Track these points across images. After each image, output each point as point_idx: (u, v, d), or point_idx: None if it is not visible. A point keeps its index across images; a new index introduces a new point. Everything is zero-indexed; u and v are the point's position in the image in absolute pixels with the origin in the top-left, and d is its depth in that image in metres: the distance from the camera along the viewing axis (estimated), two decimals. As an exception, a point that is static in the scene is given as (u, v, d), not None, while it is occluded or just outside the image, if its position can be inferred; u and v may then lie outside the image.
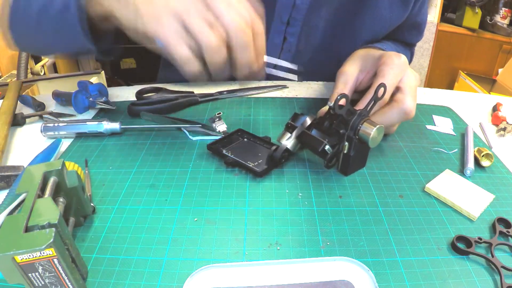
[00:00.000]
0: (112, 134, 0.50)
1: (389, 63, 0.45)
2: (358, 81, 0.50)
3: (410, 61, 0.72)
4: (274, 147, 0.42)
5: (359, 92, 0.51)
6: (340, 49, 0.62)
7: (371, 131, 0.39)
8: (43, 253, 0.24)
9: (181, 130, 0.50)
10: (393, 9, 0.61)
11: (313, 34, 0.61)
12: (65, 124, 0.49)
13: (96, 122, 0.49)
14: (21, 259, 0.24)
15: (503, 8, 2.38)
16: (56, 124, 0.49)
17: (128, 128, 0.50)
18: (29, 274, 0.25)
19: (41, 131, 0.49)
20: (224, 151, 0.44)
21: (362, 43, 0.64)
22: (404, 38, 0.68)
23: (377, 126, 0.39)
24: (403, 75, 0.45)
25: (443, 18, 2.28)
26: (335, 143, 0.41)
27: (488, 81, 2.18)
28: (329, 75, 0.58)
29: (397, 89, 0.46)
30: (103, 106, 0.54)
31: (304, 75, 0.66)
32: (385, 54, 0.47)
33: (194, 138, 0.48)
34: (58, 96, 0.59)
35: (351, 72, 0.50)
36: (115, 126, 0.48)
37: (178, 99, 0.57)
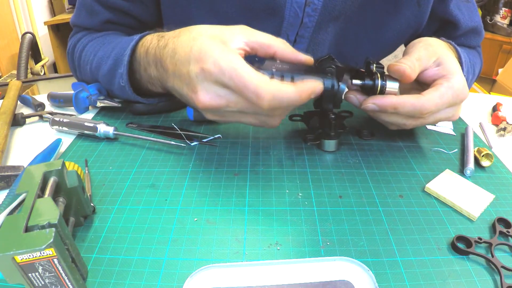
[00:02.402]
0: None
1: (452, 88, 0.42)
2: (424, 69, 0.45)
3: (481, 63, 0.70)
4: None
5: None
6: (346, 61, 0.62)
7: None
8: (43, 253, 0.24)
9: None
10: (400, 20, 0.60)
11: (320, 49, 0.61)
12: (69, 120, 0.50)
13: (92, 124, 0.49)
14: (21, 259, 0.24)
15: (503, 8, 2.39)
16: (62, 119, 0.50)
17: (120, 135, 0.49)
18: (29, 274, 0.25)
19: (49, 124, 0.51)
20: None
21: (370, 55, 0.63)
22: (464, 43, 0.66)
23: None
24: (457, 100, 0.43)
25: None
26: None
27: (488, 81, 2.19)
28: None
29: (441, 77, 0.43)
30: (107, 105, 0.54)
31: None
32: (455, 74, 0.44)
33: (192, 144, 0.48)
34: (55, 98, 0.59)
35: (435, 53, 0.45)
36: (109, 130, 0.48)
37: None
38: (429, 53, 0.45)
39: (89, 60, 0.57)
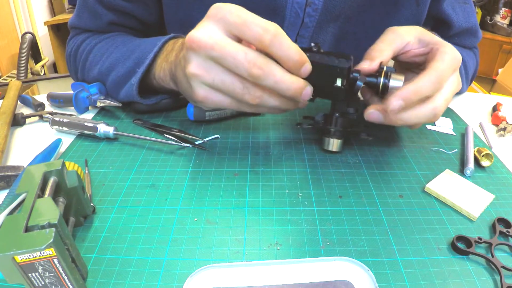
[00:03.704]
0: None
1: (447, 52, 0.42)
2: (406, 48, 0.46)
3: (477, 64, 0.70)
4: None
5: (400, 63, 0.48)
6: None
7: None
8: (43, 253, 0.24)
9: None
10: (399, 20, 0.60)
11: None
12: (69, 120, 0.50)
13: (92, 124, 0.48)
14: (21, 259, 0.24)
15: (503, 8, 2.39)
16: (62, 119, 0.50)
17: (120, 135, 0.49)
18: (29, 274, 0.25)
19: (49, 124, 0.51)
20: None
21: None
22: (458, 43, 0.65)
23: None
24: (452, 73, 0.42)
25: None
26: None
27: (488, 81, 2.19)
28: None
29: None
30: (107, 105, 0.54)
31: None
32: (443, 42, 0.44)
33: (183, 144, 0.47)
34: (55, 98, 0.59)
35: (402, 34, 0.45)
36: (109, 130, 0.48)
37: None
38: (400, 33, 0.45)
39: (99, 61, 0.56)
